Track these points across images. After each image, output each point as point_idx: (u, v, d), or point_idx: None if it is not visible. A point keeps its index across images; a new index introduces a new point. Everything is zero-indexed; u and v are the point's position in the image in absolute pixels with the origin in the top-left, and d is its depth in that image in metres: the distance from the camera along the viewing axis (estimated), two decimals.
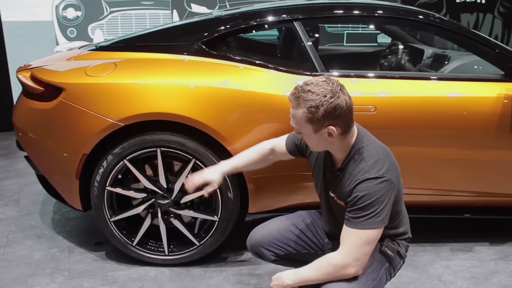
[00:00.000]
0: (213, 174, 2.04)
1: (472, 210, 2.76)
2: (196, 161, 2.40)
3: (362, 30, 6.43)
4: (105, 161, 2.41)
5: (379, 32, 4.64)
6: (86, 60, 2.65)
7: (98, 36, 5.34)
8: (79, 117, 2.41)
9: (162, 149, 2.38)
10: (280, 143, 2.09)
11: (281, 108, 2.35)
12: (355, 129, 1.76)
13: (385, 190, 1.65)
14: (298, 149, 2.04)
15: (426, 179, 2.63)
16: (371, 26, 4.06)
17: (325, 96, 1.61)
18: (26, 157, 2.83)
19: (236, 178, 2.46)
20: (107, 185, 2.45)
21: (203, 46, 2.54)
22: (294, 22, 2.59)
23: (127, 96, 2.37)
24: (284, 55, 3.14)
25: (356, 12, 2.73)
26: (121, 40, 2.82)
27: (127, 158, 2.41)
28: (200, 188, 2.09)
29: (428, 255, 2.77)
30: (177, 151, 2.39)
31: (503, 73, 2.62)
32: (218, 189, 2.43)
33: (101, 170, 2.42)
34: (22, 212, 3.28)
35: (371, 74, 2.59)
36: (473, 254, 2.79)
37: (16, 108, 2.80)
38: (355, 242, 1.64)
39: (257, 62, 2.50)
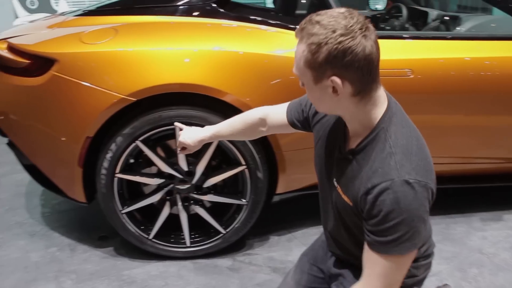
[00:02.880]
0: (190, 140, 1.66)
1: (497, 178, 2.61)
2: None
3: None
4: (113, 144, 2.05)
5: None
6: (77, 27, 2.24)
7: (63, 7, 4.82)
8: (78, 93, 2.02)
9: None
10: (277, 112, 1.54)
11: None
12: (382, 98, 1.18)
13: (421, 200, 1.10)
14: (301, 117, 1.47)
15: (462, 148, 2.44)
16: None
17: (334, 31, 1.05)
18: (10, 144, 2.41)
19: (265, 155, 2.17)
20: (117, 171, 2.10)
21: (218, 6, 2.19)
22: None
23: (138, 65, 2.00)
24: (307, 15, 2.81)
25: None
26: (115, 3, 2.41)
27: (140, 139, 2.06)
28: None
29: (461, 227, 2.61)
30: None
31: None
32: (246, 169, 2.14)
33: (109, 154, 2.06)
34: (4, 207, 2.85)
35: (405, 34, 2.33)
36: (505, 223, 2.65)
37: None
38: (383, 272, 1.15)
39: (288, 25, 2.17)
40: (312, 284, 1.56)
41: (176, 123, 1.75)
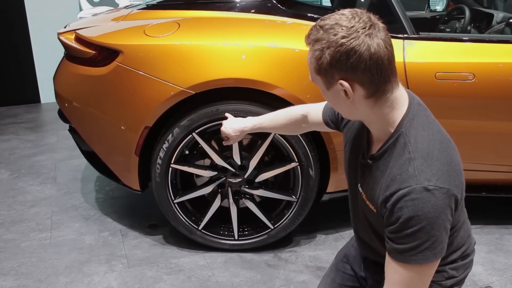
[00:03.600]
0: (231, 129, 1.68)
1: None
2: (276, 135, 2.10)
3: None
4: (170, 135, 2.11)
5: None
6: (141, 20, 2.32)
7: (124, 1, 4.97)
8: (140, 84, 2.09)
9: None
10: (316, 109, 1.54)
11: None
12: (402, 99, 1.13)
13: (442, 208, 1.05)
14: (334, 118, 1.46)
15: None
16: None
17: (335, 35, 1.03)
18: (71, 130, 2.52)
19: (317, 153, 2.17)
20: (172, 162, 2.15)
21: (278, 3, 2.21)
22: None
23: (198, 59, 2.04)
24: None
25: None
26: None
27: (196, 132, 2.10)
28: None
29: None
30: None
31: None
32: (298, 166, 2.15)
33: (166, 145, 2.12)
34: (61, 190, 2.99)
35: (465, 37, 2.27)
36: None
37: (58, 75, 2.48)
38: (403, 281, 1.11)
39: None
40: (346, 282, 1.54)
41: (226, 114, 1.78)
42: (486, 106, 2.18)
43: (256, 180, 2.21)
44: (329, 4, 3.63)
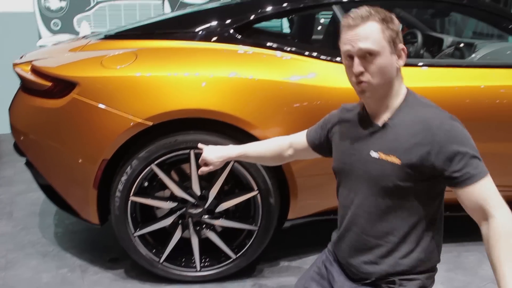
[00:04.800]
0: (215, 158, 1.68)
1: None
2: (235, 163, 2.10)
3: None
4: (129, 167, 2.08)
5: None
6: (98, 51, 2.31)
7: (85, 28, 4.94)
8: (97, 116, 2.07)
9: (196, 150, 2.07)
10: (299, 138, 1.68)
11: (338, 101, 2.09)
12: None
13: (465, 131, 1.31)
14: (317, 134, 1.61)
15: None
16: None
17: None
18: (27, 164, 2.46)
19: (277, 181, 2.18)
20: (131, 194, 2.12)
21: (236, 33, 2.24)
22: (333, 6, 2.32)
23: (156, 90, 2.04)
24: (324, 41, 2.84)
25: None
26: (136, 28, 2.48)
27: (155, 163, 2.09)
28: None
29: (474, 255, 2.58)
30: None
31: None
32: (258, 195, 2.16)
33: (124, 177, 2.09)
34: (18, 226, 2.89)
35: (420, 63, 2.36)
36: None
37: (14, 107, 2.43)
38: (494, 190, 1.25)
39: (303, 51, 2.21)
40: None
41: (199, 144, 1.77)
42: None
43: (217, 210, 2.20)
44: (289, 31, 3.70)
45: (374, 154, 1.37)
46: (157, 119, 2.02)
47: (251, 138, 2.07)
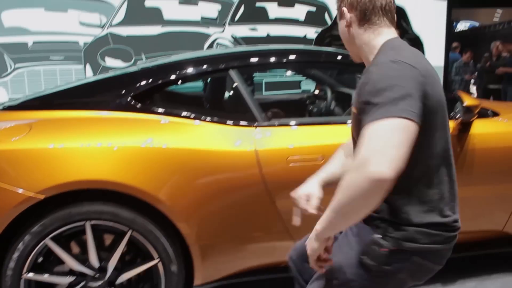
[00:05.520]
0: (312, 186, 1.61)
1: None
2: (133, 232, 2.08)
3: (279, 78, 6.47)
4: (21, 243, 2.00)
5: (303, 78, 4.65)
6: None
7: (2, 95, 4.84)
8: None
9: (92, 222, 2.04)
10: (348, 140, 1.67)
11: (224, 164, 2.15)
12: (387, 30, 1.44)
13: (403, 72, 1.25)
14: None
15: None
16: (303, 72, 4.01)
17: None
18: None
19: (179, 247, 2.17)
20: (24, 271, 2.03)
21: (131, 101, 2.27)
22: (229, 71, 2.41)
23: (48, 162, 2.01)
24: (223, 106, 2.93)
25: (299, 58, 2.64)
26: (35, 98, 2.46)
27: (49, 237, 2.02)
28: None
29: None
30: (110, 223, 2.06)
31: None
32: (160, 263, 2.13)
33: (16, 254, 2.01)
34: None
35: (317, 120, 2.47)
36: None
37: None
38: (370, 134, 1.18)
39: (194, 116, 2.27)
40: None
41: (291, 193, 1.63)
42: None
43: (117, 282, 2.14)
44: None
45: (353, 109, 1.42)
46: (49, 192, 1.98)
47: (148, 206, 2.07)
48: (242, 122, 2.29)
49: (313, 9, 6.90)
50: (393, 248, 1.36)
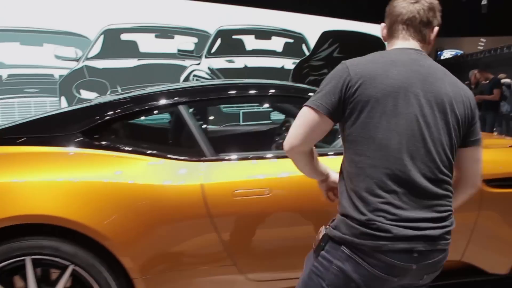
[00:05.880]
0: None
1: None
2: (75, 266, 2.09)
3: (257, 109, 6.57)
4: None
5: (272, 110, 4.72)
6: None
7: None
8: None
9: (33, 257, 2.05)
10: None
11: (168, 198, 2.18)
12: (399, 42, 1.58)
13: (335, 72, 1.51)
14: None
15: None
16: (265, 105, 4.08)
17: None
18: None
19: (123, 282, 2.17)
20: None
21: (78, 136, 2.31)
22: (179, 106, 2.47)
23: None
24: (170, 140, 2.98)
25: (248, 92, 2.72)
26: None
27: None
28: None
29: None
30: (52, 258, 2.07)
31: None
32: None
33: None
34: None
35: (264, 154, 2.52)
36: None
37: None
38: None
39: (139, 150, 2.31)
40: None
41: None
42: (282, 218, 2.36)
43: None
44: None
45: None
46: None
47: (90, 240, 2.09)
48: (189, 157, 2.34)
49: (290, 40, 7.07)
50: (329, 234, 1.53)
